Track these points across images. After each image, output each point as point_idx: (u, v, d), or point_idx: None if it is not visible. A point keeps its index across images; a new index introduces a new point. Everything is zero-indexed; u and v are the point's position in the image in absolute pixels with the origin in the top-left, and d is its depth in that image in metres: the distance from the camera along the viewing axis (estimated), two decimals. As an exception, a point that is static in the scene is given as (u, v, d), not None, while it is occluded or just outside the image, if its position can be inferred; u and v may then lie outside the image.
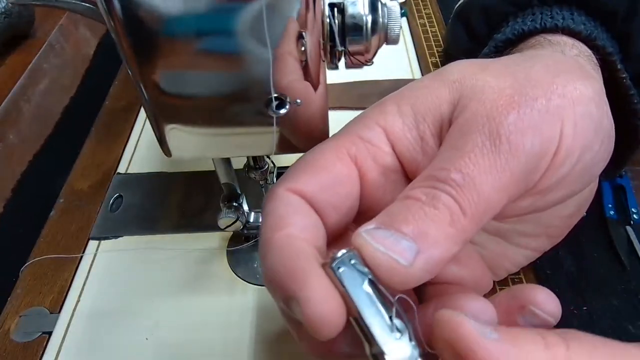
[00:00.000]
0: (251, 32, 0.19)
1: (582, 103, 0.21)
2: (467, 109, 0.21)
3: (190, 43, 0.20)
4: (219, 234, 0.33)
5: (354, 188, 0.22)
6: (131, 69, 0.21)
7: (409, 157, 0.22)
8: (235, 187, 0.29)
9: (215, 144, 0.24)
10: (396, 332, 0.17)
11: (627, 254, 0.32)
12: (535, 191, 0.21)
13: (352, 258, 0.17)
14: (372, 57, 0.21)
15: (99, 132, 0.42)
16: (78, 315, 0.30)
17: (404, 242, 0.17)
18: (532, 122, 0.20)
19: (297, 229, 0.20)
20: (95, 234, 0.34)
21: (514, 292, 0.21)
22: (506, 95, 0.20)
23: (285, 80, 0.21)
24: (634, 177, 0.36)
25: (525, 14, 0.30)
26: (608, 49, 0.27)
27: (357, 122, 0.23)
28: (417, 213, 0.18)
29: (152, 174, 0.38)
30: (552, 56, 0.25)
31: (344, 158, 0.22)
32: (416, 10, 0.53)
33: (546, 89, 0.21)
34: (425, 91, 0.23)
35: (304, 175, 0.21)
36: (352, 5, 0.20)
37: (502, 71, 0.22)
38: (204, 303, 0.30)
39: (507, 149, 0.19)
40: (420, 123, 0.22)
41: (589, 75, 0.24)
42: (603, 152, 0.23)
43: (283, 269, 0.18)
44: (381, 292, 0.17)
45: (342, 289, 0.17)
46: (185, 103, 0.22)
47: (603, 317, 0.29)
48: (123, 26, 0.19)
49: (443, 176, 0.19)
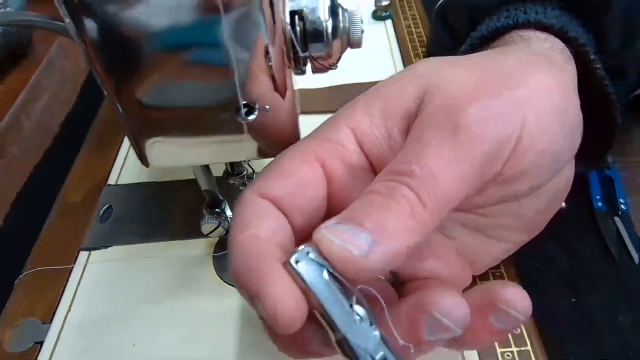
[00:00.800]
0: (220, 44, 0.20)
1: (546, 93, 0.21)
2: (431, 103, 0.21)
3: (163, 58, 0.20)
4: (206, 240, 0.34)
5: (320, 190, 0.22)
6: (105, 88, 0.21)
7: (377, 155, 0.23)
8: (216, 193, 0.30)
9: (191, 153, 0.24)
10: (357, 317, 0.18)
11: (615, 245, 0.32)
12: (499, 180, 0.21)
13: (309, 252, 0.18)
14: (336, 61, 0.22)
15: (92, 143, 0.43)
16: (69, 324, 0.30)
17: (362, 235, 0.18)
18: (492, 112, 0.20)
19: (262, 231, 0.20)
20: (86, 244, 0.34)
21: (487, 289, 0.21)
22: (469, 87, 0.21)
23: (252, 87, 0.21)
24: (622, 168, 0.36)
25: (500, 11, 0.30)
26: (580, 40, 0.27)
27: (327, 124, 0.24)
28: (377, 206, 0.18)
29: (142, 184, 0.38)
30: (521, 50, 0.25)
31: (311, 161, 0.22)
32: (401, 12, 0.53)
33: (511, 81, 0.21)
34: (393, 88, 0.23)
35: (271, 179, 0.22)
36: (312, 12, 0.20)
37: (468, 66, 0.23)
38: (191, 308, 0.31)
39: (467, 139, 0.19)
40: (388, 120, 0.22)
41: (557, 67, 0.24)
42: (569, 142, 0.23)
43: (245, 268, 0.19)
44: (341, 282, 0.18)
45: (301, 282, 0.18)
46: (159, 115, 0.22)
47: (593, 310, 0.29)
48: (94, 45, 0.20)
49: (403, 169, 0.19)
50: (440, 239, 0.26)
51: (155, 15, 0.19)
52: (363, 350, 0.17)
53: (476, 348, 0.27)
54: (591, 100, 0.25)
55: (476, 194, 0.21)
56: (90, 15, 0.19)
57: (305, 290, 0.18)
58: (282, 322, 0.17)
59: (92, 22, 0.19)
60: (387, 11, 0.53)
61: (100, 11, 0.19)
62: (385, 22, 0.53)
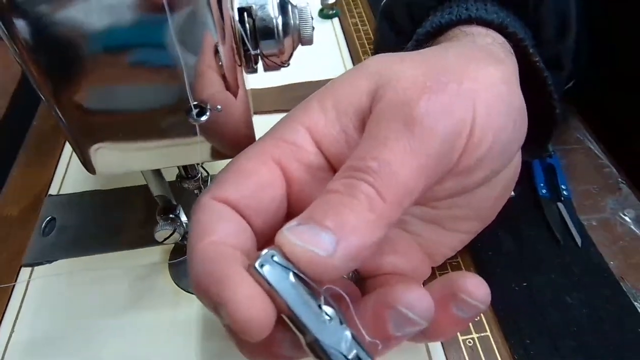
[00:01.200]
0: (166, 43, 0.19)
1: (493, 85, 0.22)
2: (383, 99, 0.21)
3: (104, 60, 0.19)
4: (160, 247, 0.32)
5: (278, 191, 0.22)
6: (44, 94, 0.20)
7: (335, 152, 0.23)
8: (169, 198, 0.29)
9: (141, 157, 0.23)
10: (327, 318, 0.17)
11: (560, 230, 0.33)
12: (457, 172, 0.22)
13: (274, 255, 0.18)
14: (288, 58, 0.22)
15: (28, 154, 0.40)
16: (12, 346, 0.28)
17: (323, 235, 0.18)
18: (444, 105, 0.20)
19: (221, 236, 0.19)
20: (27, 260, 0.32)
21: (447, 281, 0.21)
22: (419, 82, 0.21)
23: (203, 87, 0.21)
24: (562, 156, 0.38)
25: (444, 8, 0.31)
26: (519, 35, 0.28)
27: (282, 124, 0.23)
28: (336, 204, 0.18)
29: (86, 193, 0.37)
30: (465, 45, 0.26)
31: (268, 162, 0.22)
32: (347, 10, 0.53)
33: (458, 74, 0.22)
34: (346, 85, 0.23)
35: (228, 183, 0.21)
36: (261, 9, 0.20)
37: (417, 61, 0.23)
38: (147, 319, 0.29)
39: (421, 132, 0.20)
40: (343, 117, 0.22)
41: (500, 60, 0.25)
42: (517, 132, 0.24)
43: (206, 276, 0.18)
44: (307, 283, 0.18)
45: (268, 286, 0.17)
46: (104, 120, 0.21)
47: (542, 291, 0.30)
48: (28, 48, 0.18)
49: (359, 165, 0.19)
50: (399, 233, 0.26)
51: (94, 14, 0.18)
52: (335, 350, 0.17)
53: (441, 339, 0.27)
54: (531, 92, 0.26)
55: (434, 185, 0.21)
56: (22, 16, 0.18)
57: (272, 295, 0.17)
58: (249, 329, 0.17)
59: (24, 24, 0.18)
60: (334, 9, 0.53)
61: (33, 12, 0.18)
62: (332, 20, 0.53)
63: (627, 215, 0.34)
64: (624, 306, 0.29)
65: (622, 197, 0.36)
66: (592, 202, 0.35)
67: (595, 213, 0.35)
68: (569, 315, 0.29)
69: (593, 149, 0.39)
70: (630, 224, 0.34)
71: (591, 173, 0.37)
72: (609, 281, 0.31)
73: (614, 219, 0.34)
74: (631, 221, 0.34)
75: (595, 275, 0.31)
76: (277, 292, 0.17)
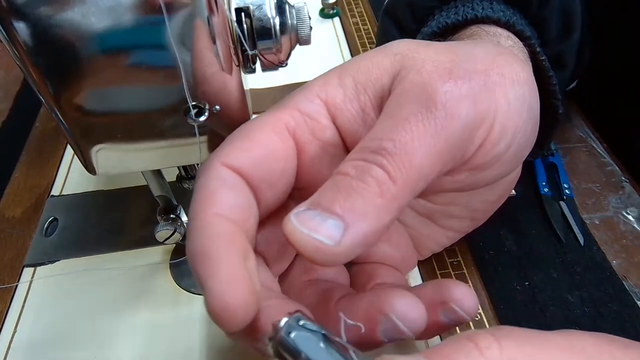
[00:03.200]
0: (164, 45, 0.19)
1: (518, 84, 0.22)
2: (405, 79, 0.21)
3: (104, 61, 0.19)
4: (161, 247, 0.33)
5: (290, 163, 0.21)
6: (44, 96, 0.20)
7: (350, 129, 0.22)
8: (170, 198, 0.29)
9: (141, 158, 0.24)
10: None
11: (562, 229, 0.33)
12: (471, 166, 0.22)
13: (299, 319, 0.17)
14: (285, 58, 0.22)
15: (30, 156, 0.40)
16: (16, 346, 0.29)
17: (330, 221, 0.17)
18: (468, 92, 0.20)
19: (227, 208, 0.19)
20: (30, 260, 0.33)
21: (438, 287, 0.21)
22: (445, 67, 0.20)
23: (201, 88, 0.21)
24: (564, 154, 0.38)
25: (449, 8, 0.31)
26: (526, 33, 0.28)
27: (298, 94, 0.23)
28: (345, 189, 0.18)
29: (88, 194, 0.37)
30: (491, 45, 0.26)
31: (282, 132, 0.21)
32: (348, 10, 0.53)
33: (486, 66, 0.21)
34: (368, 63, 0.22)
35: (239, 149, 0.20)
36: (258, 9, 0.20)
37: (444, 49, 0.22)
38: (149, 318, 0.29)
39: (442, 115, 0.19)
40: (361, 94, 0.22)
41: (525, 63, 0.25)
42: (531, 135, 0.23)
43: (199, 253, 0.18)
44: (337, 343, 0.17)
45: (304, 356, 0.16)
46: (104, 121, 0.21)
47: (544, 290, 0.30)
48: (29, 53, 0.19)
49: (374, 146, 0.18)
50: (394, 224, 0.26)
51: (93, 16, 0.18)
52: None
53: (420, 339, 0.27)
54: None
55: (446, 174, 0.21)
56: (21, 19, 0.18)
57: None
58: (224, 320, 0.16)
59: (23, 26, 0.18)
60: (334, 9, 0.53)
61: (33, 14, 0.18)
62: (333, 19, 0.53)
63: (630, 213, 0.34)
64: (626, 305, 0.29)
65: (625, 196, 0.35)
66: (595, 201, 0.35)
67: (597, 211, 0.34)
68: (571, 314, 0.29)
69: (595, 147, 0.39)
70: (633, 222, 0.34)
71: (594, 171, 0.37)
72: (612, 280, 0.30)
73: (617, 218, 0.34)
74: (634, 220, 0.34)
75: (598, 274, 0.31)
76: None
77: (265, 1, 0.20)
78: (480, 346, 0.16)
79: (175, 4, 0.18)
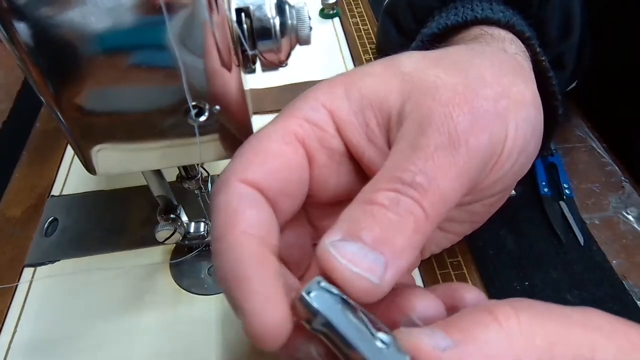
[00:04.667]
0: (164, 45, 0.19)
1: (524, 106, 0.22)
2: (422, 106, 0.21)
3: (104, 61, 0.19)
4: (161, 247, 0.33)
5: (304, 173, 0.21)
6: (44, 96, 0.20)
7: (354, 142, 0.22)
8: (170, 198, 0.29)
9: (141, 158, 0.24)
10: (382, 345, 0.16)
11: (562, 228, 0.33)
12: (478, 188, 0.22)
13: (320, 281, 0.17)
14: (285, 58, 0.22)
15: (30, 156, 0.40)
16: (16, 346, 0.29)
17: (371, 256, 0.17)
18: (485, 123, 0.20)
19: (251, 226, 0.19)
20: (30, 260, 0.33)
21: (449, 290, 0.21)
22: (459, 93, 0.21)
23: (201, 87, 0.21)
24: (564, 154, 0.38)
25: (448, 9, 0.31)
26: (526, 33, 0.28)
27: (303, 102, 0.22)
28: (383, 221, 0.18)
29: (88, 194, 0.37)
30: (496, 54, 0.25)
31: (292, 142, 0.21)
32: (348, 10, 0.53)
33: (495, 89, 0.22)
34: (377, 79, 0.22)
35: (254, 164, 0.20)
36: (258, 9, 0.20)
37: (452, 67, 0.22)
38: (149, 319, 0.29)
39: (465, 151, 0.19)
40: (367, 109, 0.22)
41: (528, 76, 0.25)
42: (534, 152, 0.24)
43: (233, 277, 0.18)
44: (353, 307, 0.17)
45: (320, 316, 0.16)
46: (104, 121, 0.21)
47: (544, 290, 0.30)
48: (29, 53, 0.19)
49: (407, 179, 0.18)
50: None
51: (93, 16, 0.18)
52: None
53: None
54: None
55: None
56: (22, 19, 0.18)
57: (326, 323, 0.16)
58: (264, 341, 0.17)
59: (24, 26, 0.18)
60: (334, 9, 0.53)
61: (33, 14, 0.18)
62: (333, 20, 0.53)
63: (630, 213, 0.34)
64: (626, 305, 0.29)
65: (624, 196, 0.35)
66: (595, 201, 0.35)
67: (597, 211, 0.34)
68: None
69: (595, 147, 0.39)
70: (633, 222, 0.34)
71: (593, 171, 0.37)
72: (612, 280, 0.30)
73: (617, 218, 0.34)
74: (634, 219, 0.34)
75: (598, 273, 0.31)
76: (331, 323, 0.16)
77: (265, 1, 0.20)
78: (499, 318, 0.16)
79: (175, 4, 0.18)
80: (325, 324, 0.16)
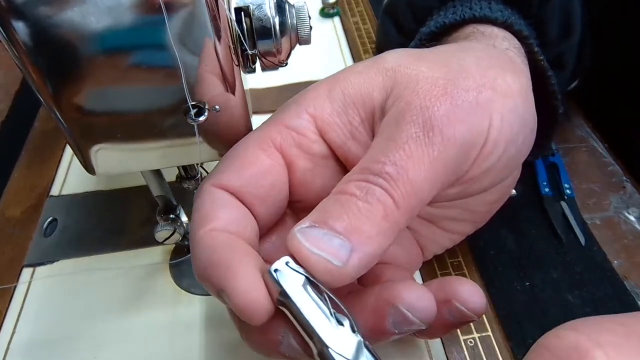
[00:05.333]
0: (163, 44, 0.19)
1: (511, 97, 0.22)
2: (401, 99, 0.21)
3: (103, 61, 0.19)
4: (161, 248, 0.33)
5: (280, 177, 0.22)
6: (43, 96, 0.20)
7: (338, 142, 0.23)
8: (170, 198, 0.29)
9: (140, 158, 0.24)
10: (337, 324, 0.17)
11: (563, 228, 0.33)
12: (463, 180, 0.22)
13: (288, 261, 0.18)
14: (285, 58, 0.21)
15: (29, 155, 0.40)
16: (15, 347, 0.28)
17: (336, 241, 0.18)
18: (463, 114, 0.20)
19: (223, 223, 0.20)
20: (29, 260, 0.32)
21: (443, 285, 0.21)
22: (439, 85, 0.21)
23: (200, 87, 0.21)
24: (565, 154, 0.38)
25: (448, 7, 0.31)
26: (524, 32, 0.28)
27: (286, 109, 0.23)
28: (351, 209, 0.18)
29: (87, 194, 0.37)
30: (485, 49, 0.26)
31: (268, 149, 0.22)
32: (348, 9, 0.53)
33: (477, 81, 0.21)
34: (359, 77, 0.23)
35: (229, 170, 0.21)
36: (258, 9, 0.20)
37: (436, 61, 0.23)
38: (148, 319, 0.29)
39: (440, 140, 0.19)
40: (350, 108, 0.22)
41: (518, 69, 0.25)
42: (524, 145, 0.24)
43: (209, 263, 0.18)
44: (318, 287, 0.18)
45: (282, 293, 0.17)
46: (103, 121, 0.21)
47: (544, 290, 0.30)
48: (28, 52, 0.19)
49: (377, 169, 0.19)
50: None
51: (92, 16, 0.18)
52: (345, 358, 0.17)
53: (428, 338, 0.27)
54: (534, 91, 0.26)
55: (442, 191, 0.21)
56: (21, 19, 0.18)
57: (284, 298, 0.18)
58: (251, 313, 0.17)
59: (22, 26, 0.18)
60: (335, 8, 0.53)
61: (32, 14, 0.18)
62: (333, 19, 0.53)
63: (631, 213, 0.34)
64: (627, 305, 0.29)
65: (626, 196, 0.35)
66: (596, 201, 0.35)
67: (598, 211, 0.34)
68: (572, 315, 0.29)
69: (597, 147, 0.39)
70: (634, 222, 0.34)
71: (594, 171, 0.37)
72: (613, 280, 0.30)
73: (618, 218, 0.34)
74: (635, 220, 0.34)
75: (599, 274, 0.31)
76: (289, 298, 0.17)
77: (265, 1, 0.20)
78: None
79: (175, 4, 0.18)
80: (286, 298, 0.18)
